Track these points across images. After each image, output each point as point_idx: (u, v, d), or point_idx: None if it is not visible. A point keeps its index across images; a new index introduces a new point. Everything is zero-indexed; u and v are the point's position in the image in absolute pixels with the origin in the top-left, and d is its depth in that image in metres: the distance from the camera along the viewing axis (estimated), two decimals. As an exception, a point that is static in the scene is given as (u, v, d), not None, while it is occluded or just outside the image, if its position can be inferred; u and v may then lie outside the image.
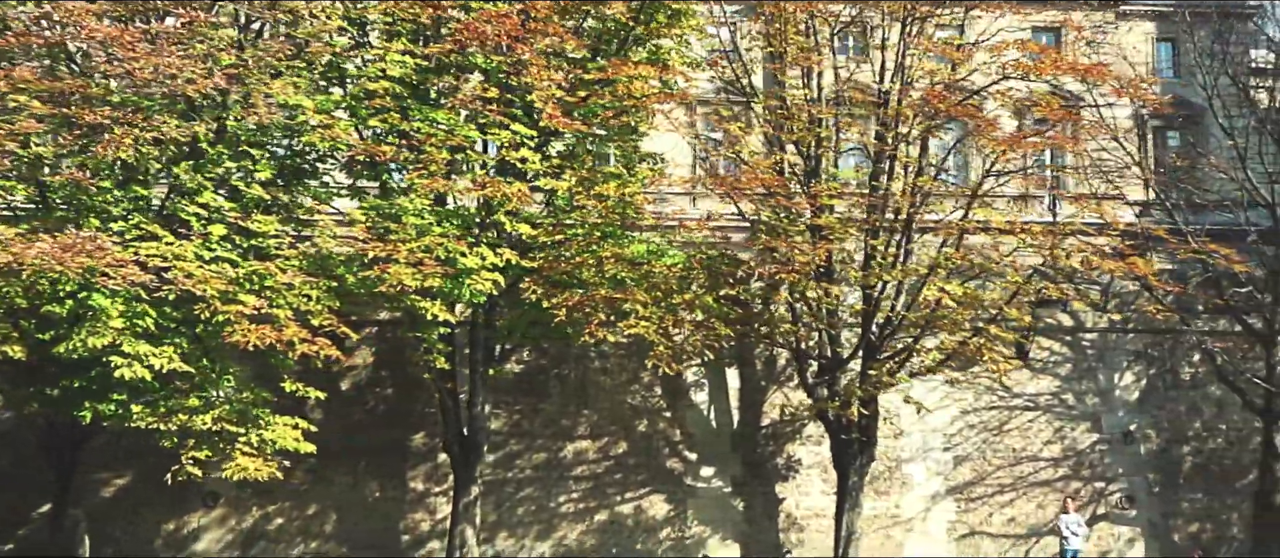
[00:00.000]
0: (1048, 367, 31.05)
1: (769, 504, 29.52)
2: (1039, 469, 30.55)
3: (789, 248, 23.09)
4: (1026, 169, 26.14)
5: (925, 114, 23.23)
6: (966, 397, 30.55)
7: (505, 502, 29.04)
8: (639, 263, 24.05)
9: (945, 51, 24.74)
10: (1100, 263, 24.42)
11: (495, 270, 22.64)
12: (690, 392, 29.89)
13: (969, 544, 29.99)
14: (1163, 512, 30.74)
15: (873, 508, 29.76)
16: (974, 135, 24.19)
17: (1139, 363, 31.31)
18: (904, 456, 30.14)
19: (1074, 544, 27.06)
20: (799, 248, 23.13)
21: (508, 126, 22.84)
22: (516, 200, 22.15)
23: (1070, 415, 30.89)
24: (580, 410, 29.50)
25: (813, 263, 23.13)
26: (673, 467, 29.49)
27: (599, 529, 29.03)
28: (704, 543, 29.10)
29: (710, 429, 29.80)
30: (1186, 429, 31.16)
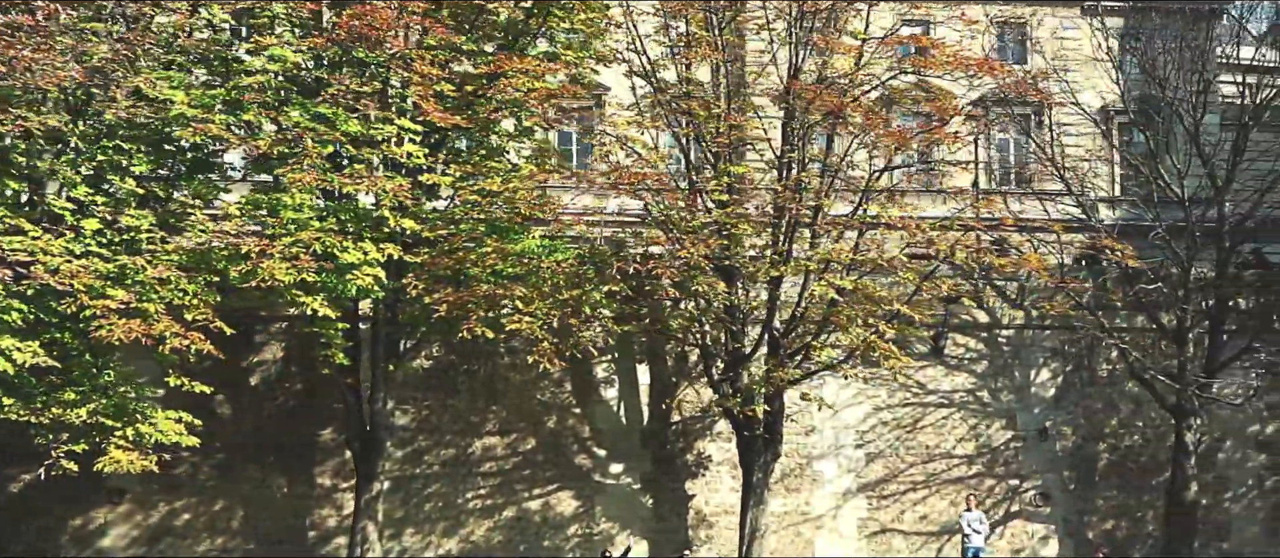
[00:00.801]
0: (963, 363, 30.93)
1: (678, 501, 29.43)
2: (953, 466, 30.43)
3: (668, 242, 23.00)
4: (919, 164, 26.02)
5: (795, 107, 23.12)
6: (880, 394, 30.46)
7: (413, 498, 28.98)
8: (528, 258, 24.01)
9: (831, 45, 24.66)
10: (988, 259, 24.39)
11: (379, 266, 22.62)
12: (600, 388, 29.82)
13: (880, 542, 29.89)
14: (1077, 509, 30.60)
15: (783, 505, 29.70)
16: (851, 129, 24.10)
17: (1056, 360, 31.17)
18: (815, 452, 30.03)
19: (975, 542, 27.02)
20: (680, 242, 23.03)
21: (392, 121, 22.87)
22: (393, 195, 22.10)
23: (985, 412, 30.77)
24: (489, 407, 29.42)
25: (693, 258, 23.02)
26: (582, 463, 29.42)
27: (506, 526, 28.96)
28: (611, 540, 29.02)
29: (620, 426, 29.72)
30: (1103, 426, 31.02)
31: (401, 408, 29.15)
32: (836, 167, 24.59)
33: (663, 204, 24.33)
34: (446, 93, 23.32)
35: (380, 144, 22.66)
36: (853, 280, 24.50)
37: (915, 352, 30.56)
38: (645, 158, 24.25)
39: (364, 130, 22.56)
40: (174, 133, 22.09)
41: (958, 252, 23.82)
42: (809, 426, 30.05)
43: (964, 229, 24.23)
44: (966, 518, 26.99)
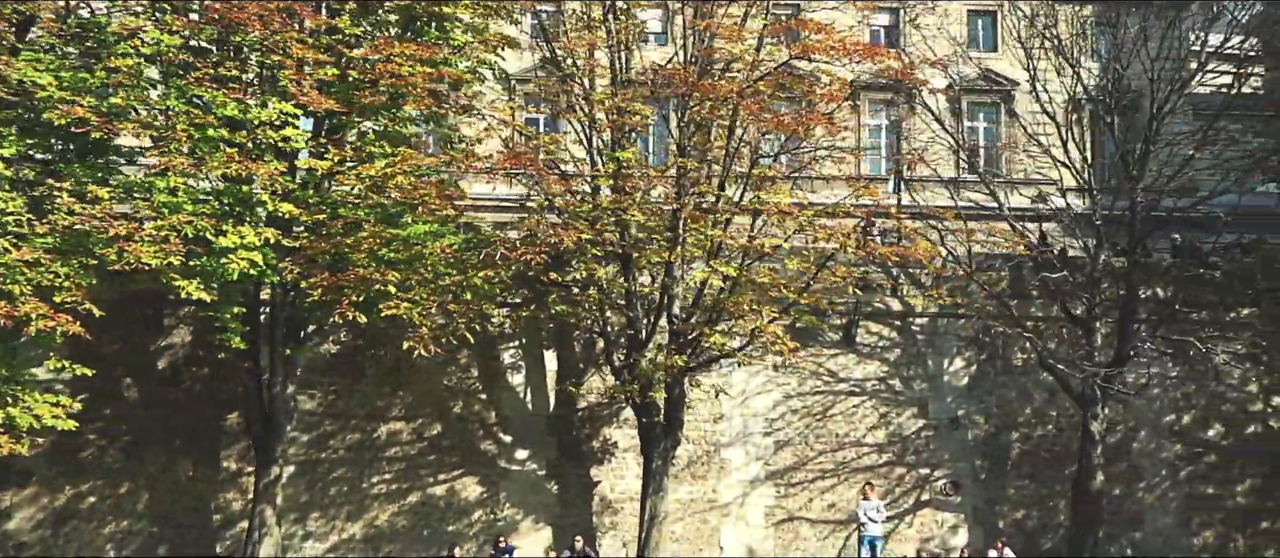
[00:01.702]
0: (875, 351, 30.78)
1: (583, 487, 29.40)
2: (862, 455, 30.32)
3: (543, 228, 22.94)
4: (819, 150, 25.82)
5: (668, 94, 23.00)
6: (790, 382, 30.35)
7: (318, 482, 29.03)
8: (414, 243, 23.95)
9: (726, 32, 24.51)
10: (875, 248, 24.28)
11: (257, 250, 22.59)
12: (507, 374, 29.79)
13: (787, 530, 29.80)
14: (988, 498, 30.46)
15: (690, 493, 29.66)
16: (736, 118, 23.95)
17: (970, 348, 30.98)
18: (723, 440, 29.95)
19: (872, 531, 26.80)
20: (553, 230, 22.97)
21: (268, 105, 22.84)
22: (263, 179, 22.06)
23: (897, 401, 30.63)
24: (395, 392, 29.41)
25: (565, 243, 22.94)
26: (487, 449, 29.41)
27: (411, 511, 28.98)
28: (516, 525, 29.01)
29: (526, 412, 29.69)
30: (1016, 415, 30.85)
31: (308, 393, 29.21)
32: (727, 154, 24.42)
33: (541, 190, 24.20)
34: (328, 78, 23.29)
35: (256, 128, 22.60)
36: (738, 268, 24.39)
37: (827, 340, 30.59)
38: (531, 143, 24.14)
39: (240, 114, 22.53)
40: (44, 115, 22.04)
41: (837, 239, 23.61)
42: (717, 413, 29.94)
43: (846, 216, 24.02)
44: (863, 507, 26.87)
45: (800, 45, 23.87)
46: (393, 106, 23.47)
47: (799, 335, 29.86)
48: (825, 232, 23.69)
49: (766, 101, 23.32)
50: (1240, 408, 31.53)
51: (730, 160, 24.26)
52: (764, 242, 24.22)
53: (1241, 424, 31.49)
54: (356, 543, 28.74)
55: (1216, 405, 31.42)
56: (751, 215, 25.49)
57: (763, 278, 24.70)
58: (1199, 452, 31.20)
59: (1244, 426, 31.52)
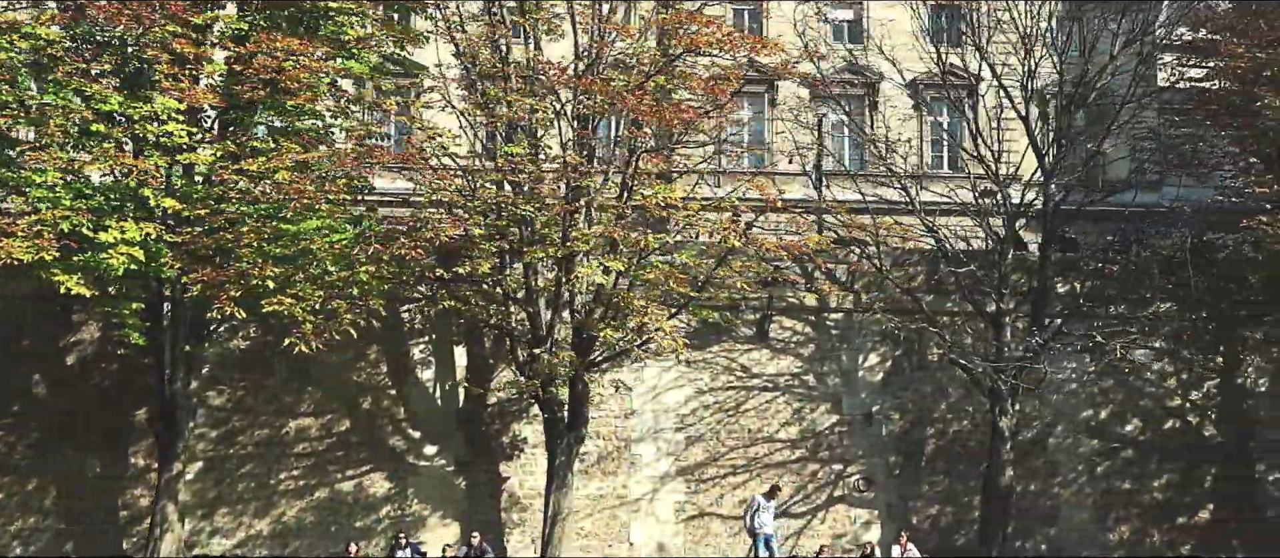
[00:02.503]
0: (789, 347, 30.65)
1: (492, 483, 29.32)
2: (775, 450, 30.20)
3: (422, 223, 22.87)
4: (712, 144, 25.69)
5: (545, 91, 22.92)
6: (702, 377, 30.25)
7: (226, 478, 28.94)
8: (302, 238, 23.88)
9: (617, 28, 24.43)
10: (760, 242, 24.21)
11: (135, 245, 22.50)
12: (416, 369, 29.70)
13: (697, 526, 29.69)
14: (902, 494, 30.35)
15: (599, 488, 29.58)
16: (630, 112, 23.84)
17: (885, 344, 30.85)
18: (634, 436, 29.84)
19: (765, 529, 26.63)
20: (432, 224, 22.88)
21: (152, 100, 22.78)
22: (137, 175, 21.99)
23: (811, 396, 30.51)
24: (304, 387, 29.31)
25: (443, 236, 22.85)
26: (395, 445, 29.32)
27: (318, 506, 28.90)
28: (424, 521, 28.94)
29: (435, 407, 29.60)
30: (932, 411, 30.73)
31: (217, 388, 29.17)
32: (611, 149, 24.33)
33: (427, 185, 24.13)
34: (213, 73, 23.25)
35: (136, 124, 22.53)
36: (626, 263, 24.30)
37: (740, 335, 30.50)
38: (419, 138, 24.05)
39: (118, 109, 22.45)
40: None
41: (717, 234, 23.50)
42: (628, 409, 29.88)
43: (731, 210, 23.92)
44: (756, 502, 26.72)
45: (688, 39, 23.71)
46: (274, 103, 23.30)
47: (711, 331, 30.02)
48: (703, 227, 23.51)
49: (655, 98, 23.16)
50: (1159, 403, 31.39)
51: (612, 156, 24.12)
52: (649, 238, 24.06)
53: (1160, 420, 31.37)
54: (264, 539, 28.66)
55: (1134, 401, 31.29)
56: (639, 211, 25.32)
57: (651, 274, 24.55)
58: (1116, 447, 31.07)
59: (1162, 421, 31.39)
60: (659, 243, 24.39)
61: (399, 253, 22.85)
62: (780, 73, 25.54)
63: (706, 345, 30.32)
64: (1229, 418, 31.19)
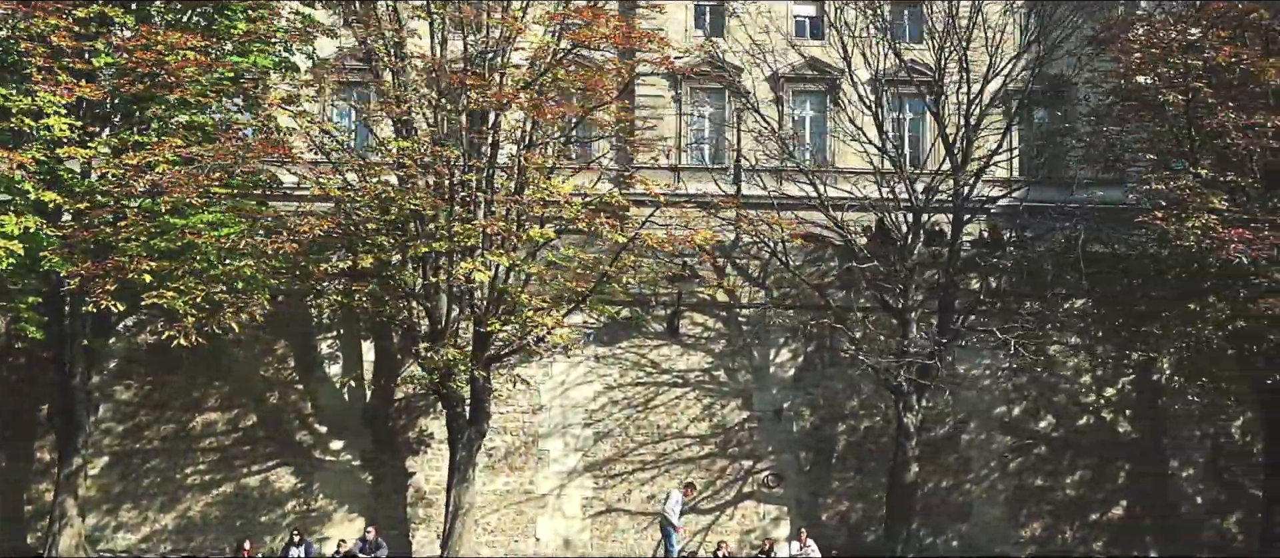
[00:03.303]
0: (700, 343, 30.59)
1: (398, 478, 29.32)
2: (684, 446, 30.16)
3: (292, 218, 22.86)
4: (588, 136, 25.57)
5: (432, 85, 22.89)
6: (612, 373, 30.21)
7: (132, 473, 28.95)
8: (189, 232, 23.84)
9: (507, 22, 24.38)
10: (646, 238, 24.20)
11: (13, 239, 22.49)
12: (324, 364, 29.68)
13: (605, 521, 29.66)
14: (811, 491, 30.29)
15: (506, 484, 29.57)
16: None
17: (797, 340, 30.76)
18: (542, 431, 29.81)
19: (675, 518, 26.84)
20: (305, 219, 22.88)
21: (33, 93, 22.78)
22: (12, 167, 21.98)
23: (721, 392, 30.45)
24: (211, 382, 29.32)
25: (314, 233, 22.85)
26: (302, 440, 29.32)
27: (224, 501, 28.90)
28: (330, 517, 28.93)
29: (343, 402, 29.59)
30: (843, 407, 30.66)
31: (124, 383, 29.19)
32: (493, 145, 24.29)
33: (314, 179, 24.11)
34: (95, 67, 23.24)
35: (12, 116, 22.53)
36: (510, 258, 24.27)
37: (650, 331, 30.47)
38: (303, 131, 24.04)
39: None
40: None
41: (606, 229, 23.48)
42: (537, 404, 29.85)
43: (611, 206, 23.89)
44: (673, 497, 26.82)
45: (575, 34, 23.68)
46: (154, 97, 23.28)
47: (621, 327, 30.05)
48: (583, 220, 23.48)
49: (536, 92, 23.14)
50: (1073, 400, 31.30)
51: (494, 151, 24.10)
52: (534, 231, 24.02)
53: (1074, 416, 31.27)
54: (168, 534, 28.67)
55: (1049, 397, 31.20)
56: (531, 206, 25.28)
57: (535, 269, 24.52)
58: (1029, 444, 30.99)
59: (1076, 418, 31.30)
60: (543, 239, 24.33)
61: (279, 248, 22.76)
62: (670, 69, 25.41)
63: (616, 341, 30.31)
64: (1143, 415, 31.06)
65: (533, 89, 23.57)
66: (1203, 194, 25.94)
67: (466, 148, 23.91)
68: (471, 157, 24.05)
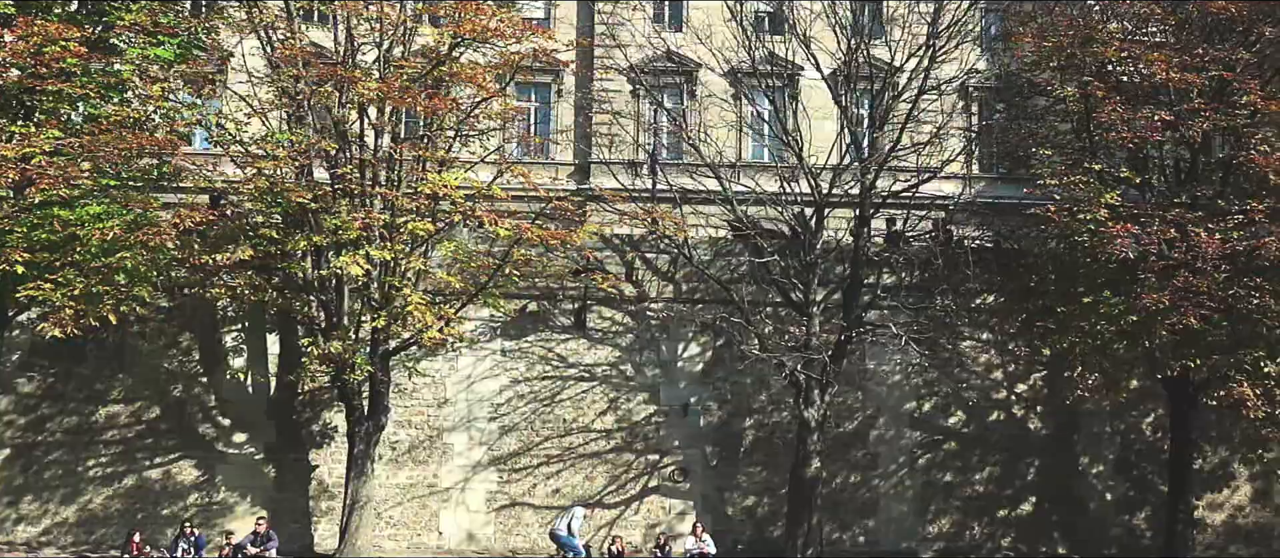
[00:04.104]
0: (608, 337, 30.54)
1: (301, 471, 29.28)
2: (590, 440, 30.11)
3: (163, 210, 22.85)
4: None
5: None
6: (518, 367, 30.17)
7: (34, 465, 28.88)
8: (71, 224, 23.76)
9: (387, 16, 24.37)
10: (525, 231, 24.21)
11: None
12: (229, 357, 29.63)
13: (509, 515, 29.64)
14: (718, 485, 30.26)
15: (410, 477, 29.55)
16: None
17: (706, 334, 30.70)
18: (447, 425, 29.77)
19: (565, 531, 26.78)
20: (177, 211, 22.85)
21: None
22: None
23: (628, 387, 30.42)
24: (115, 375, 29.29)
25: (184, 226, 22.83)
26: (205, 433, 29.28)
27: (126, 494, 28.85)
28: (232, 509, 28.90)
29: (247, 395, 29.54)
30: (751, 402, 30.62)
31: (27, 375, 29.11)
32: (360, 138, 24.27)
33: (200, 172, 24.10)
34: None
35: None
36: (391, 252, 24.22)
37: (558, 325, 30.43)
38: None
39: None
40: None
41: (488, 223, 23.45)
42: (442, 398, 29.81)
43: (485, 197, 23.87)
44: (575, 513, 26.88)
45: (457, 27, 23.63)
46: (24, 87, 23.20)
47: (529, 320, 30.04)
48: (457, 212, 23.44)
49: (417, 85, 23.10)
50: (984, 396, 31.26)
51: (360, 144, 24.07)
52: (416, 224, 23.98)
53: (984, 412, 31.23)
54: (70, 526, 28.61)
55: (959, 393, 31.15)
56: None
57: (415, 263, 24.49)
58: (939, 440, 30.94)
59: (987, 414, 31.26)
60: (424, 232, 24.30)
61: (151, 240, 22.69)
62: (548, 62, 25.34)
63: (524, 335, 30.27)
64: (1055, 411, 30.99)
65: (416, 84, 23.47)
66: (1098, 189, 25.89)
67: (351, 141, 23.83)
68: (352, 150, 23.95)
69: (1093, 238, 25.30)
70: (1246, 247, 24.36)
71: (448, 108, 23.48)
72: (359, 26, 24.42)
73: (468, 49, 25.70)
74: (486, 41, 24.64)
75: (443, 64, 24.13)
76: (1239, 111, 25.31)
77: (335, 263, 23.78)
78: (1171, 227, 24.95)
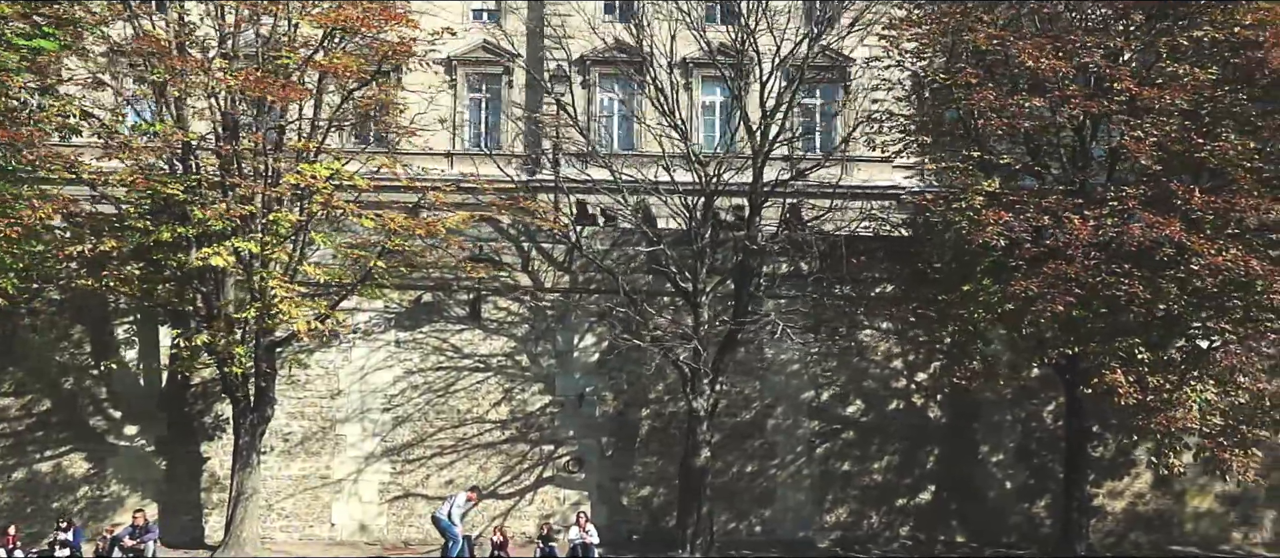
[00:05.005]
0: (503, 327, 30.46)
1: (193, 464, 29.25)
2: (484, 431, 30.06)
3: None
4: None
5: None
6: (413, 358, 30.09)
7: (-83, 461, 28.93)
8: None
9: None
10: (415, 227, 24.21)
11: None
12: (120, 349, 29.57)
13: (402, 506, 29.60)
14: (613, 476, 30.20)
15: (302, 469, 29.53)
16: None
17: (602, 324, 30.60)
18: (340, 416, 29.71)
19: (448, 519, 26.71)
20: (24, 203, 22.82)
21: None
22: None
23: (523, 377, 30.34)
24: (5, 367, 29.25)
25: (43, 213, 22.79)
26: (96, 425, 29.25)
27: (15, 487, 28.85)
28: (123, 502, 28.88)
29: (138, 388, 29.49)
30: (647, 392, 30.51)
31: (-83, 369, 29.11)
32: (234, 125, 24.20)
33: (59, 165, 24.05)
34: None
35: None
36: (256, 244, 24.18)
37: (452, 315, 30.36)
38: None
39: None
40: None
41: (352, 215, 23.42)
42: (336, 389, 29.77)
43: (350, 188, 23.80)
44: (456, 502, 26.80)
45: (322, 17, 23.54)
46: None
47: (423, 311, 30.01)
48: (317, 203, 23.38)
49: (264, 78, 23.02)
50: (883, 385, 31.16)
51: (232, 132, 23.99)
52: (278, 213, 23.92)
53: (884, 401, 31.13)
54: (-42, 520, 28.61)
55: (858, 382, 31.05)
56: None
57: (278, 254, 24.44)
58: (837, 429, 30.85)
59: (887, 402, 31.16)
60: (288, 223, 24.23)
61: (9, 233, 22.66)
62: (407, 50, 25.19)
63: (418, 326, 30.20)
64: (955, 400, 30.77)
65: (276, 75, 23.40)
66: (976, 177, 25.79)
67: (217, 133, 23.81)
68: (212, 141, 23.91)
69: (970, 226, 25.17)
70: (1117, 233, 24.21)
71: (302, 97, 23.37)
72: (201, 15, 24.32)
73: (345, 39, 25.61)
74: (354, 32, 24.49)
75: (281, 54, 23.99)
76: (1116, 98, 25.14)
77: (198, 255, 23.68)
78: (1046, 214, 24.81)
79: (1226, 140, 24.55)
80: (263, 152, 24.10)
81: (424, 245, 26.45)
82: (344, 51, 24.91)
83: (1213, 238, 23.81)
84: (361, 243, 26.16)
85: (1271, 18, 24.77)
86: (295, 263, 25.42)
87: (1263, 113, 25.03)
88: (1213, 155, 24.48)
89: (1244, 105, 25.05)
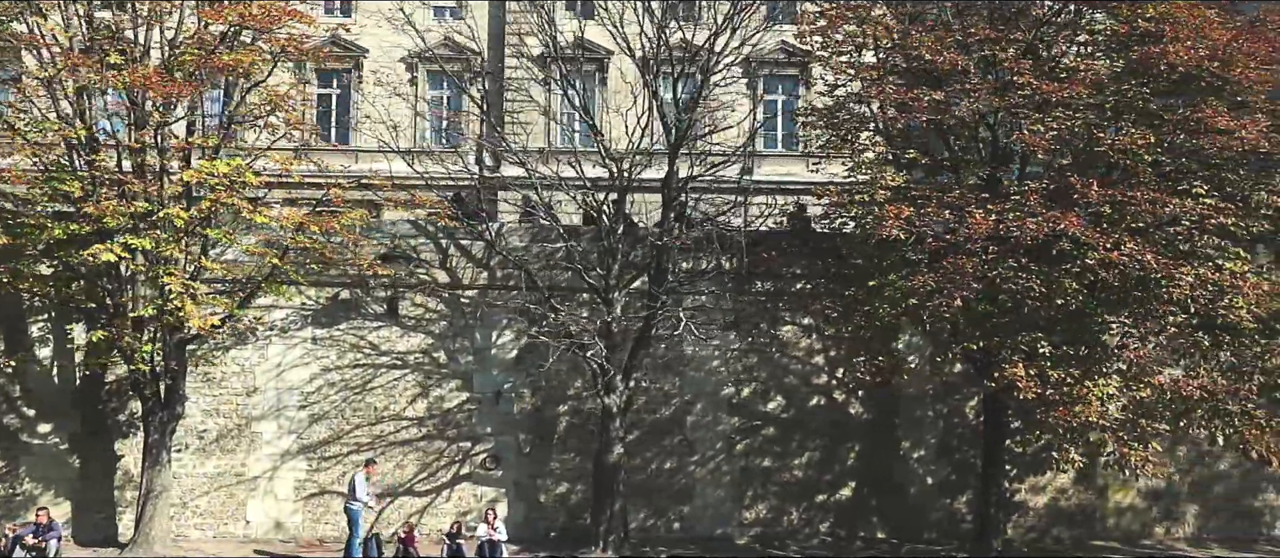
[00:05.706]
0: (421, 324, 30.37)
1: (107, 461, 29.14)
2: (401, 429, 29.98)
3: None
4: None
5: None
6: (330, 355, 29.99)
7: None
8: None
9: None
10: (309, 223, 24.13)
11: None
12: (34, 347, 29.46)
13: (318, 503, 29.53)
14: (531, 473, 30.12)
15: (217, 467, 29.44)
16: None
17: (521, 321, 30.49)
18: (256, 413, 29.62)
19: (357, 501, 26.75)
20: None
21: None
22: None
23: (440, 374, 30.25)
24: (-81, 367, 29.19)
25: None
26: (9, 423, 29.11)
27: (-74, 487, 28.81)
28: (35, 500, 28.78)
29: (52, 385, 29.38)
30: (565, 389, 30.42)
31: None
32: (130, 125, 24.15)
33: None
34: None
35: None
36: (149, 241, 24.11)
37: (370, 312, 30.27)
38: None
39: None
40: None
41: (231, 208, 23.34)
42: (251, 386, 29.67)
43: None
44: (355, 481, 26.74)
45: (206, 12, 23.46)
46: None
47: (340, 308, 29.93)
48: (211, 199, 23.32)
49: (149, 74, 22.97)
50: (804, 380, 31.07)
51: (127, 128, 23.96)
52: (171, 210, 23.84)
53: (804, 397, 31.05)
54: None
55: (779, 378, 30.96)
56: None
57: (169, 251, 24.37)
58: (757, 425, 30.77)
59: (807, 398, 31.08)
60: (180, 220, 24.15)
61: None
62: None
63: (335, 323, 30.10)
64: (877, 395, 30.73)
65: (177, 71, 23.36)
66: (878, 171, 25.72)
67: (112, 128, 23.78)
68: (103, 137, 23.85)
69: (872, 221, 25.11)
70: (1017, 227, 24.10)
71: (187, 93, 23.31)
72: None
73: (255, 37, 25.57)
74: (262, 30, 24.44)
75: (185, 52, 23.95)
76: (1020, 92, 25.03)
77: (87, 252, 23.62)
78: (947, 209, 24.72)
79: (1127, 135, 24.46)
80: (155, 147, 24.01)
81: (327, 243, 26.33)
82: (247, 48, 24.81)
83: (1109, 232, 23.72)
84: (270, 241, 26.03)
85: (1173, 12, 24.70)
86: (198, 261, 25.30)
87: (1164, 106, 24.93)
88: (1113, 149, 24.39)
89: (1146, 99, 24.95)
